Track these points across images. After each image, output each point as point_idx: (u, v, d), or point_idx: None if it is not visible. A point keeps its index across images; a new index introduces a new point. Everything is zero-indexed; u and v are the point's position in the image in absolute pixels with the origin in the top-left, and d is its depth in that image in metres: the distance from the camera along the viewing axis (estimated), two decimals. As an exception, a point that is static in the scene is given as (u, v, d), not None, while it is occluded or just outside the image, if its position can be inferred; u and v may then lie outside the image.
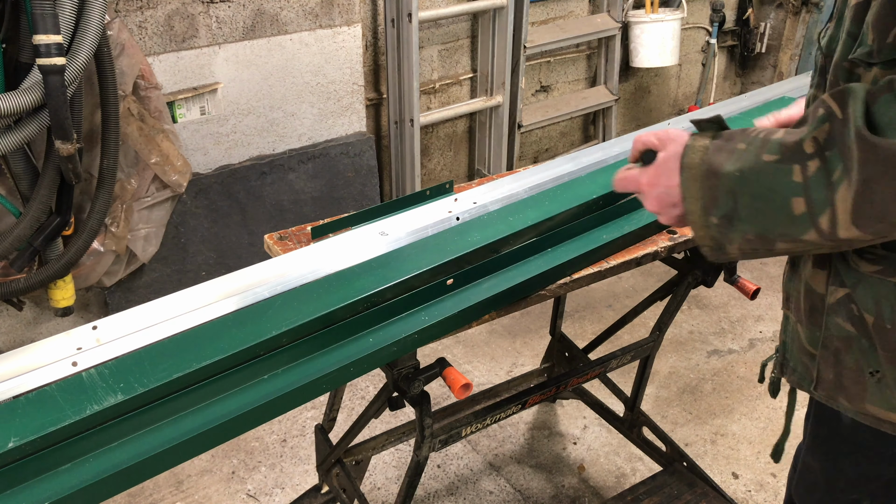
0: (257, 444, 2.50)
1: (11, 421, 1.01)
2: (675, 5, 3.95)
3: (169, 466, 1.08)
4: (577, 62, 4.04)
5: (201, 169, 2.84)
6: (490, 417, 1.75)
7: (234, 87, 2.81)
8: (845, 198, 0.79)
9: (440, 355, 1.55)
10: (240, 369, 1.16)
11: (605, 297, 3.32)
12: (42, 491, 1.00)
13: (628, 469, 2.42)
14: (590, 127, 4.28)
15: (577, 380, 1.99)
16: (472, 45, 3.57)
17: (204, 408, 1.12)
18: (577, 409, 2.65)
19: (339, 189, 3.15)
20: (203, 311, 1.27)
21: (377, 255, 1.41)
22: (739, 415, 2.65)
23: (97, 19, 2.13)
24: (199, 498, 2.30)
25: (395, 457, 2.46)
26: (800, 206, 0.83)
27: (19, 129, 2.11)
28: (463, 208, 1.59)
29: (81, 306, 2.77)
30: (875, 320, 0.94)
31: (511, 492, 2.34)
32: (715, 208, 0.90)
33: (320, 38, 2.95)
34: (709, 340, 3.05)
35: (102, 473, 1.02)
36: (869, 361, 0.97)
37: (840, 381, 1.01)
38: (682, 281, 1.96)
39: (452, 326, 1.35)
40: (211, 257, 2.91)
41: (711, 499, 2.05)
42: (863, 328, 0.96)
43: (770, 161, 0.85)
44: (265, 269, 1.38)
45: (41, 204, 2.26)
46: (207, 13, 2.67)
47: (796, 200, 0.83)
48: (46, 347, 1.18)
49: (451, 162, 3.78)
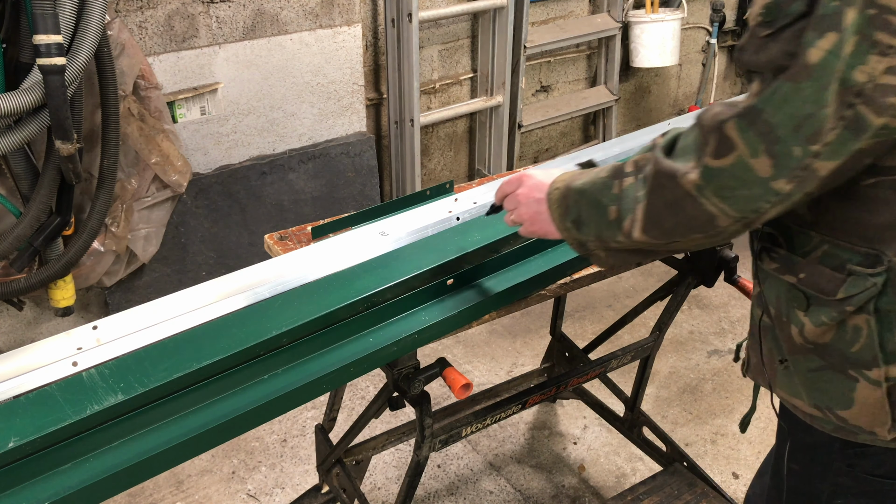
0: (257, 444, 2.50)
1: (11, 421, 1.01)
2: (676, 5, 3.95)
3: (169, 466, 1.08)
4: (578, 62, 4.04)
5: (201, 169, 2.84)
6: (490, 417, 1.75)
7: (235, 87, 2.81)
8: (641, 208, 0.97)
9: (440, 355, 1.55)
10: (240, 369, 1.16)
11: (605, 297, 3.32)
12: (42, 491, 1.00)
13: (628, 469, 2.42)
14: (590, 127, 4.28)
15: (578, 380, 1.99)
16: (472, 45, 3.57)
17: (204, 408, 1.12)
18: (578, 409, 2.65)
19: (340, 189, 3.15)
20: (203, 311, 1.27)
21: (377, 255, 1.41)
22: (739, 415, 2.65)
23: (97, 19, 2.13)
24: (199, 498, 2.30)
25: (395, 457, 2.46)
26: (613, 213, 1.01)
27: (19, 129, 2.11)
28: (463, 208, 1.59)
29: (81, 306, 2.77)
30: (776, 313, 1.05)
31: (511, 492, 2.34)
32: (568, 215, 1.10)
33: (320, 38, 2.95)
34: (709, 340, 3.05)
35: (102, 473, 1.02)
36: (779, 350, 1.08)
37: (760, 366, 1.14)
38: (682, 281, 1.96)
39: (452, 326, 1.35)
40: (211, 257, 2.91)
41: (711, 499, 2.05)
42: (772, 320, 1.07)
43: (603, 178, 1.04)
44: (265, 269, 1.38)
45: (41, 204, 2.26)
46: (207, 13, 2.67)
47: (612, 208, 1.01)
48: (47, 347, 1.18)
49: (452, 162, 3.78)
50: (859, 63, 0.77)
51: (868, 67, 0.77)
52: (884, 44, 0.76)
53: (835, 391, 1.01)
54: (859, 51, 0.77)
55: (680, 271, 1.95)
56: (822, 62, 0.79)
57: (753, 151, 0.85)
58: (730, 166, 0.87)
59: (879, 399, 0.97)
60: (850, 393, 0.99)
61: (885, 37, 0.76)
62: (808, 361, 1.02)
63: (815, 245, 0.98)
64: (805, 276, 0.99)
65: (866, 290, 0.92)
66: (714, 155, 0.88)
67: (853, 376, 0.98)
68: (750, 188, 0.86)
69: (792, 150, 0.83)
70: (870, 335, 0.94)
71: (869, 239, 0.92)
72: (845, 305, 0.94)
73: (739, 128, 0.86)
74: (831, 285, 0.95)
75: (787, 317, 1.03)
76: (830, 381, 1.01)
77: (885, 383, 0.96)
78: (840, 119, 0.80)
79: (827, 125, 0.80)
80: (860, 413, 0.99)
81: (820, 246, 0.97)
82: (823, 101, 0.80)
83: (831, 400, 1.02)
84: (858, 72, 0.78)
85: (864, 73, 0.77)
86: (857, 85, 0.78)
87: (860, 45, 0.77)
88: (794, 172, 0.84)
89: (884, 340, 0.94)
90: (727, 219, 0.90)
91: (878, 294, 0.92)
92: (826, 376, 1.01)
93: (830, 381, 1.01)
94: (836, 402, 1.01)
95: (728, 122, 0.87)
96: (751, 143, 0.85)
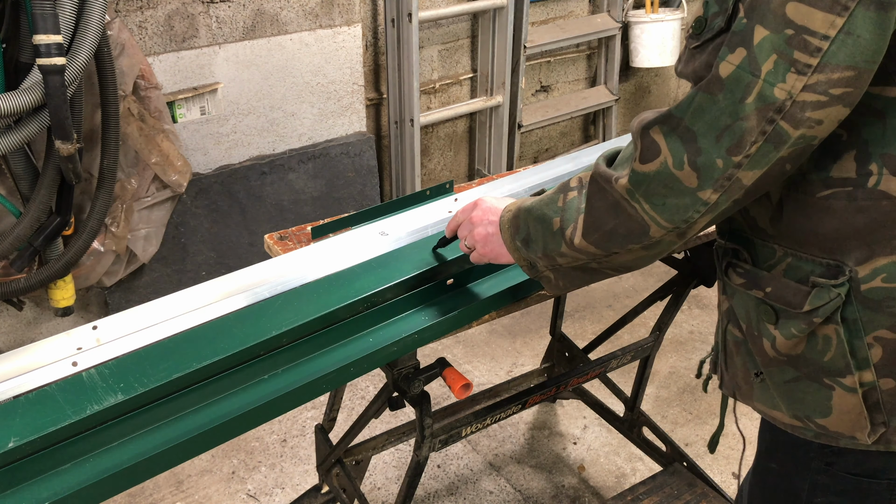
0: (257, 444, 2.50)
1: (11, 421, 1.01)
2: (676, 5, 3.95)
3: (169, 466, 1.08)
4: (577, 62, 4.04)
5: (201, 169, 2.84)
6: (490, 417, 1.75)
7: (234, 87, 2.81)
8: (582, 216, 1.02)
9: (440, 355, 1.55)
10: (240, 369, 1.16)
11: (605, 297, 3.32)
12: (42, 491, 1.00)
13: (628, 469, 2.42)
14: (590, 127, 4.28)
15: (578, 380, 1.99)
16: (472, 45, 3.57)
17: (204, 408, 1.12)
18: (577, 409, 2.65)
19: (339, 189, 3.15)
20: (203, 311, 1.28)
21: (377, 255, 1.41)
22: (739, 415, 2.65)
23: (97, 19, 2.13)
24: (199, 498, 2.30)
25: (395, 457, 2.46)
26: (557, 223, 1.06)
27: (19, 129, 2.11)
28: (463, 208, 1.59)
29: (81, 306, 2.77)
30: (747, 328, 1.05)
31: (511, 492, 2.34)
32: (518, 234, 1.14)
33: (320, 38, 2.95)
34: (709, 340, 3.05)
35: (102, 473, 1.02)
36: (754, 364, 1.07)
37: (735, 380, 1.13)
38: (682, 281, 1.96)
39: (452, 326, 1.35)
40: (211, 257, 2.91)
41: (711, 499, 2.05)
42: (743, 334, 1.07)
43: (550, 195, 1.10)
44: (265, 269, 1.38)
45: (41, 204, 2.26)
46: (207, 13, 2.67)
47: (556, 220, 1.06)
48: (46, 347, 1.18)
49: (451, 162, 3.79)
50: (779, 81, 0.80)
51: (787, 85, 0.80)
52: (801, 62, 0.79)
53: (812, 400, 1.01)
54: (778, 70, 0.80)
55: (680, 271, 1.95)
56: (733, 76, 0.83)
57: (678, 162, 0.88)
58: (655, 173, 0.90)
59: (856, 405, 0.97)
60: (828, 401, 0.99)
61: (803, 56, 0.79)
62: (784, 373, 1.02)
63: (779, 258, 0.99)
64: (772, 290, 0.99)
65: (831, 301, 0.93)
66: (640, 160, 0.92)
67: (829, 384, 0.98)
68: (679, 197, 0.90)
69: (715, 162, 0.86)
70: (840, 344, 0.95)
71: (829, 250, 0.94)
72: (812, 317, 0.95)
73: (663, 132, 0.89)
74: (797, 298, 0.96)
75: (759, 331, 1.03)
76: (807, 391, 1.01)
77: (860, 388, 0.96)
78: (762, 133, 0.83)
79: (748, 138, 0.83)
80: (839, 420, 1.00)
81: (784, 259, 0.98)
82: (740, 113, 0.83)
83: (810, 409, 1.02)
84: (778, 89, 0.81)
85: (783, 90, 0.80)
86: (777, 102, 0.81)
87: (779, 63, 0.80)
88: (719, 182, 0.87)
89: (854, 348, 0.95)
90: (659, 229, 0.94)
91: (842, 304, 0.93)
92: (802, 386, 1.01)
93: (807, 391, 1.01)
94: (814, 411, 1.01)
95: (652, 127, 0.90)
96: (674, 150, 0.88)
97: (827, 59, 0.78)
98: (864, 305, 0.93)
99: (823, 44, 0.78)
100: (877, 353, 0.94)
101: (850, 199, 0.90)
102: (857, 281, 0.93)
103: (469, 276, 1.39)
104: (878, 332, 0.93)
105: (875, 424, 0.98)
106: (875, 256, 0.91)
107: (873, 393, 0.96)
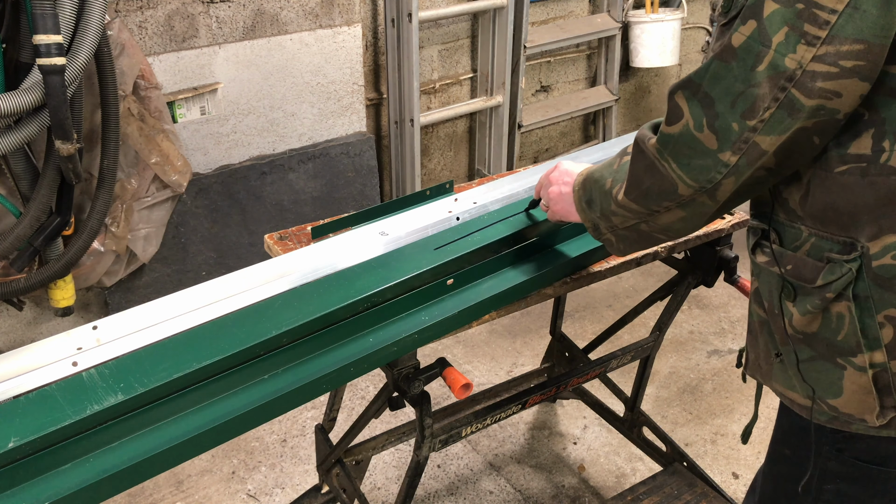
0: (257, 444, 2.50)
1: (11, 421, 1.01)
2: (676, 5, 3.95)
3: (169, 466, 1.08)
4: (577, 62, 4.04)
5: (201, 169, 2.84)
6: (490, 417, 1.75)
7: (234, 87, 2.81)
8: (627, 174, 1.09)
9: (440, 355, 1.55)
10: (240, 369, 1.16)
11: (605, 297, 3.32)
12: (42, 491, 1.00)
13: (628, 469, 2.42)
14: (590, 127, 4.28)
15: (578, 380, 1.99)
16: (472, 45, 3.57)
17: (204, 408, 1.12)
18: (578, 409, 2.65)
19: (339, 189, 3.15)
20: (203, 311, 1.27)
21: (377, 255, 1.41)
22: (740, 415, 2.65)
23: (97, 19, 2.13)
24: (199, 498, 2.30)
25: (395, 457, 2.46)
26: (609, 183, 1.15)
27: (19, 129, 2.11)
28: (463, 208, 1.59)
29: (81, 306, 2.77)
30: (769, 306, 1.09)
31: (511, 492, 2.34)
32: (584, 195, 1.22)
33: (320, 38, 2.95)
34: (709, 340, 3.05)
35: (102, 473, 1.02)
36: (774, 344, 1.11)
37: (758, 361, 1.17)
38: (682, 281, 1.96)
39: (452, 326, 1.35)
40: (211, 257, 2.91)
41: (711, 499, 2.05)
42: (767, 314, 1.11)
43: (610, 159, 1.19)
44: (265, 269, 1.38)
45: (41, 204, 2.26)
46: (207, 13, 2.67)
47: (609, 180, 1.15)
48: (46, 347, 1.18)
49: (451, 162, 3.79)
50: (790, 51, 0.86)
51: (797, 56, 0.86)
52: (811, 34, 0.84)
53: (825, 380, 1.04)
54: (789, 41, 0.86)
55: (680, 271, 1.95)
56: (744, 45, 0.89)
57: (698, 124, 0.94)
58: (679, 135, 0.97)
59: (866, 385, 0.99)
60: (840, 381, 1.02)
61: (812, 28, 0.84)
62: (800, 352, 1.06)
63: (804, 239, 1.02)
64: (791, 268, 1.03)
65: (843, 277, 0.96)
66: (667, 121, 0.99)
67: (841, 364, 1.01)
68: (701, 158, 0.95)
69: (731, 125, 0.91)
70: (851, 322, 0.98)
71: (845, 227, 0.97)
72: (825, 292, 0.98)
73: (685, 97, 0.95)
74: (812, 273, 1.00)
75: (779, 308, 1.06)
76: (821, 371, 1.04)
77: (870, 369, 0.99)
78: (774, 100, 0.88)
79: (761, 104, 0.89)
80: (850, 401, 1.02)
81: (808, 240, 1.01)
82: (751, 81, 0.89)
83: (823, 389, 1.04)
84: (789, 59, 0.86)
85: (793, 60, 0.86)
86: (788, 71, 0.86)
87: (790, 35, 0.86)
88: (736, 145, 0.92)
89: (864, 326, 0.98)
90: (687, 188, 0.99)
91: (854, 280, 0.96)
92: (817, 366, 1.04)
93: (821, 371, 1.04)
94: (827, 391, 1.04)
95: (677, 91, 0.97)
96: (695, 113, 0.94)
97: (835, 31, 0.83)
98: (875, 283, 0.95)
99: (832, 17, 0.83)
100: (888, 333, 0.96)
101: (863, 175, 0.93)
102: (868, 257, 0.95)
103: (469, 276, 1.39)
104: (889, 311, 0.96)
105: (885, 408, 1.00)
106: (884, 233, 0.94)
107: (884, 375, 0.98)
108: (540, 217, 1.52)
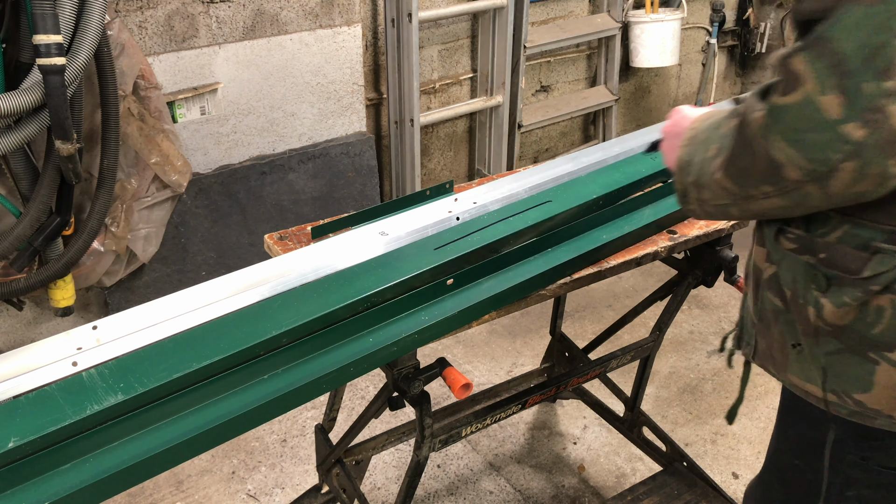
0: (257, 444, 2.50)
1: (11, 421, 1.01)
2: (676, 5, 3.95)
3: (169, 466, 1.08)
4: (577, 62, 4.04)
5: (201, 169, 2.84)
6: (490, 417, 1.75)
7: (234, 87, 2.81)
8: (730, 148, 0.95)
9: (440, 355, 1.55)
10: (240, 369, 1.16)
11: (605, 297, 3.32)
12: (42, 491, 1.00)
13: (628, 469, 2.42)
14: (590, 127, 4.28)
15: (578, 380, 1.99)
16: (472, 45, 3.57)
17: (204, 408, 1.12)
18: (577, 409, 2.65)
19: (339, 189, 3.15)
20: (203, 311, 1.27)
21: (377, 255, 1.41)
22: (739, 414, 2.65)
23: (97, 19, 2.13)
24: (199, 498, 2.30)
25: (395, 457, 2.46)
26: (713, 150, 0.99)
27: (19, 129, 2.11)
28: (463, 208, 1.59)
29: (81, 306, 2.77)
30: (791, 295, 1.02)
31: (511, 492, 2.34)
32: (686, 156, 1.07)
33: (320, 38, 2.95)
34: (709, 340, 3.05)
35: (102, 473, 1.02)
36: (792, 334, 1.04)
37: (770, 352, 1.10)
38: (682, 281, 1.96)
39: (452, 326, 1.35)
40: (211, 257, 2.91)
41: (711, 499, 2.05)
42: (785, 303, 1.04)
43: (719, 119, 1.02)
44: (265, 269, 1.38)
45: (41, 204, 2.26)
46: (207, 13, 2.67)
47: (713, 147, 0.99)
48: (46, 347, 1.18)
49: (451, 162, 3.78)
50: None
51: None
52: None
53: (853, 374, 0.99)
54: None
55: (680, 271, 1.95)
56: None
57: (822, 87, 0.79)
58: (795, 104, 0.82)
59: None
60: (870, 376, 0.97)
61: None
62: (826, 345, 1.00)
63: (833, 226, 0.95)
64: (826, 256, 0.96)
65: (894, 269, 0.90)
66: (782, 92, 0.84)
67: (873, 359, 0.96)
68: (818, 131, 0.81)
69: (862, 87, 0.77)
70: (893, 316, 0.92)
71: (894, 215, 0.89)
72: (870, 285, 0.91)
73: (807, 60, 0.81)
74: (856, 264, 0.92)
75: (804, 298, 1.00)
76: (848, 365, 0.99)
77: None
78: None
79: None
80: (880, 396, 0.98)
81: (840, 226, 0.94)
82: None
83: (848, 384, 1.00)
84: None
85: None
86: None
87: None
88: (865, 115, 0.77)
89: None
90: (795, 169, 0.85)
91: None
92: (844, 359, 0.99)
93: (848, 365, 0.99)
94: (853, 385, 0.99)
95: (794, 57, 0.82)
96: (819, 75, 0.79)
97: None
98: None
99: None
100: None
101: None
102: None
103: (469, 276, 1.39)
104: None
105: None
106: None
107: None
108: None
